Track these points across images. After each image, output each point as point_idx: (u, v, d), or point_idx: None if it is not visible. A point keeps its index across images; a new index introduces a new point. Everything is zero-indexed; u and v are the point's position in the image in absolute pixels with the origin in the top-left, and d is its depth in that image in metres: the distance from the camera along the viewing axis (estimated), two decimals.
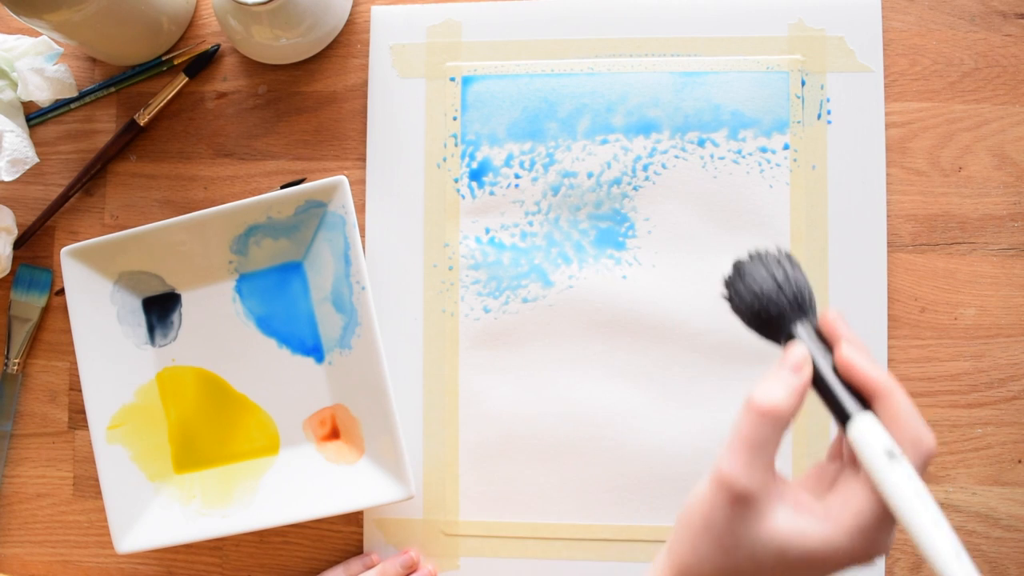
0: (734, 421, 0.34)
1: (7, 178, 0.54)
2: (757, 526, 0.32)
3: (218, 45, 0.59)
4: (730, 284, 0.38)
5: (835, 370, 0.35)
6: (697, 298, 0.55)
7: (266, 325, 0.57)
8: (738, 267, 0.38)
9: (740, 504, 0.32)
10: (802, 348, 0.35)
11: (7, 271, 0.58)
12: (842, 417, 0.34)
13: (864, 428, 0.33)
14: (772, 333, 0.37)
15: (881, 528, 0.32)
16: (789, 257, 0.37)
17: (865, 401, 0.34)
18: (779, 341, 0.37)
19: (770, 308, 0.36)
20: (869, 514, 0.32)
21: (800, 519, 0.32)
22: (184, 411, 0.57)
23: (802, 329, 0.36)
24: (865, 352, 0.35)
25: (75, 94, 0.59)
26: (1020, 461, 0.55)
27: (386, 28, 0.58)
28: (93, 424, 0.55)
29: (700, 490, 0.34)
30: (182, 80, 0.59)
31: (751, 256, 0.38)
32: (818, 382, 0.35)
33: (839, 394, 0.34)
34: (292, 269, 0.57)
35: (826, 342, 0.36)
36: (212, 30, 0.60)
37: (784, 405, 0.33)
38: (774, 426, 0.33)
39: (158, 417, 0.57)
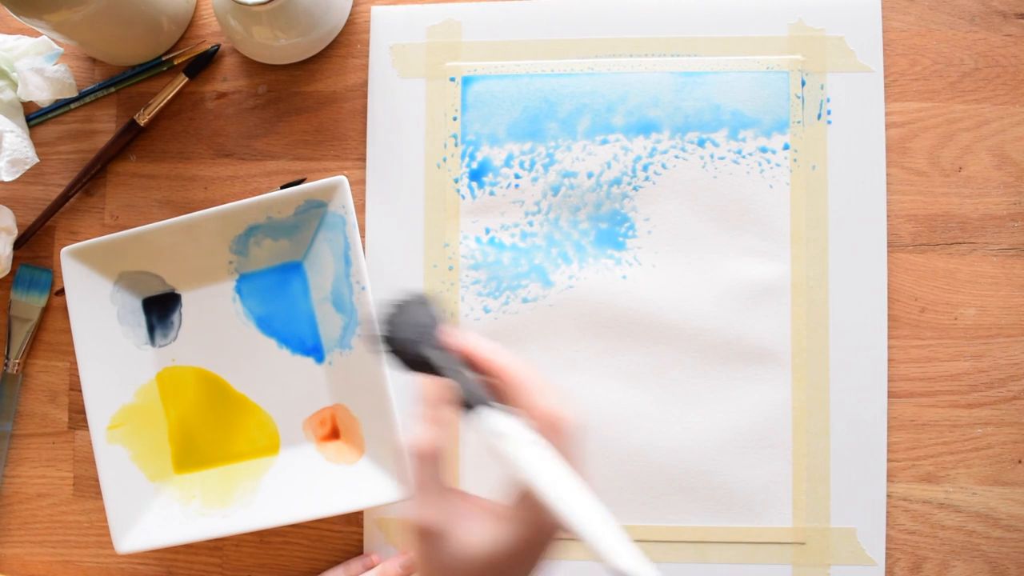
0: None
1: (7, 178, 0.54)
2: (451, 551, 0.35)
3: (218, 45, 0.59)
4: (382, 340, 0.39)
5: (464, 371, 0.36)
6: (697, 298, 0.55)
7: (266, 325, 0.57)
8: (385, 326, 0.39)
9: (429, 538, 0.35)
10: (429, 382, 0.37)
11: (7, 271, 0.58)
12: (469, 409, 0.35)
13: (485, 417, 0.35)
14: (420, 367, 0.38)
15: (531, 507, 0.34)
16: (406, 300, 0.38)
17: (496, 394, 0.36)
18: (431, 372, 0.38)
19: (404, 346, 0.37)
20: (514, 499, 0.35)
21: (481, 528, 0.35)
22: (184, 411, 0.57)
23: (430, 352, 0.37)
24: (488, 342, 0.37)
25: (75, 94, 0.59)
26: (1020, 461, 0.55)
27: (386, 28, 0.58)
28: (93, 424, 0.55)
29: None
30: (182, 80, 0.59)
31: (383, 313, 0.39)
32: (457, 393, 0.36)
33: (464, 388, 0.36)
34: (292, 269, 0.57)
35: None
36: (212, 30, 0.60)
37: (426, 442, 0.36)
38: (430, 462, 0.36)
39: (158, 417, 0.57)
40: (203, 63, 0.59)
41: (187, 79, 0.59)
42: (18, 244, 0.59)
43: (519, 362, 0.36)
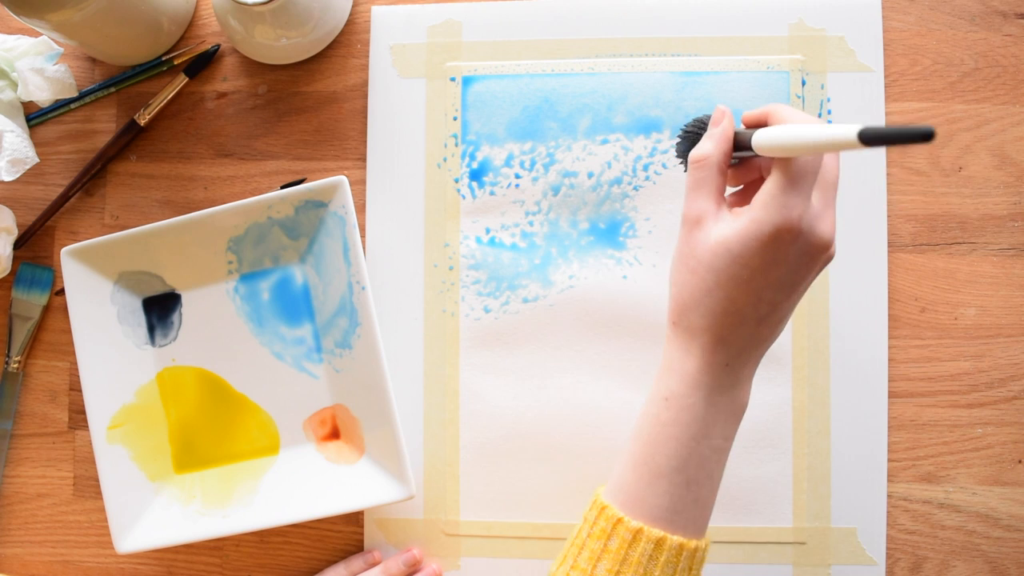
0: None
1: (7, 178, 0.54)
2: (707, 239, 0.39)
3: (218, 45, 0.59)
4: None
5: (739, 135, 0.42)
6: None
7: (266, 325, 0.57)
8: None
9: (692, 227, 0.40)
10: (721, 107, 0.42)
11: (7, 271, 0.58)
12: (749, 145, 0.40)
13: (765, 131, 0.39)
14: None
15: (786, 191, 0.37)
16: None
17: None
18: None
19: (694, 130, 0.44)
20: (771, 184, 0.38)
21: (735, 220, 0.39)
22: (184, 411, 0.57)
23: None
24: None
25: (75, 94, 0.59)
26: (1020, 461, 0.55)
27: (386, 28, 0.58)
28: (93, 424, 0.55)
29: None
30: (182, 80, 0.59)
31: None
32: (736, 146, 0.41)
33: (742, 133, 0.41)
34: (292, 269, 0.57)
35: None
36: (212, 30, 0.60)
37: (708, 150, 0.40)
38: (707, 169, 0.40)
39: (158, 417, 0.57)
40: (203, 63, 0.59)
41: (187, 79, 0.59)
42: (18, 244, 0.59)
43: (777, 105, 0.41)
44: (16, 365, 0.59)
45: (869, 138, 0.32)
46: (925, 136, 0.30)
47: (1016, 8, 0.56)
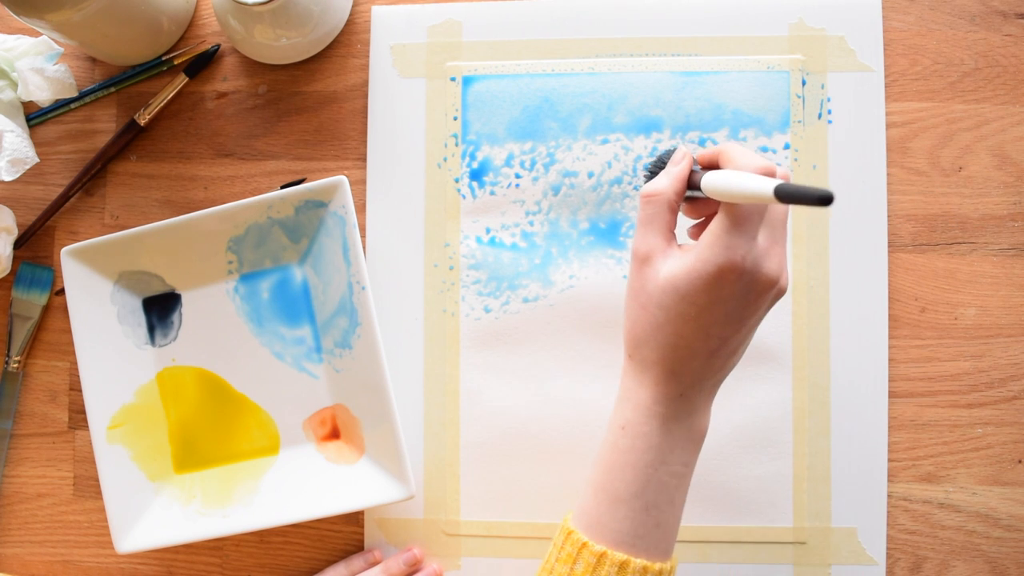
0: None
1: (7, 178, 0.54)
2: (656, 276, 0.40)
3: (218, 45, 0.59)
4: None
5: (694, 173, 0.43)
6: None
7: (266, 325, 0.57)
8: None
9: (642, 264, 0.41)
10: (682, 149, 0.43)
11: (7, 271, 0.58)
12: (699, 186, 0.41)
13: (711, 174, 0.39)
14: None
15: (730, 231, 0.38)
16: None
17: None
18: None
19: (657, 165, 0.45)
20: (716, 224, 0.38)
21: (682, 258, 0.40)
22: (184, 411, 0.57)
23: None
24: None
25: (75, 94, 0.59)
26: (1020, 461, 0.55)
27: (387, 28, 0.58)
28: (93, 424, 0.55)
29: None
30: (182, 80, 0.59)
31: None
32: (691, 185, 0.42)
33: (696, 173, 0.42)
34: (292, 269, 0.57)
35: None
36: (212, 30, 0.60)
37: (662, 187, 0.41)
38: (658, 205, 0.41)
39: (158, 417, 0.57)
40: (203, 63, 0.59)
41: (187, 79, 0.59)
42: (18, 244, 0.59)
43: (729, 144, 0.42)
44: (16, 365, 0.59)
45: (783, 195, 0.34)
46: (823, 200, 0.32)
47: (1016, 8, 0.56)
